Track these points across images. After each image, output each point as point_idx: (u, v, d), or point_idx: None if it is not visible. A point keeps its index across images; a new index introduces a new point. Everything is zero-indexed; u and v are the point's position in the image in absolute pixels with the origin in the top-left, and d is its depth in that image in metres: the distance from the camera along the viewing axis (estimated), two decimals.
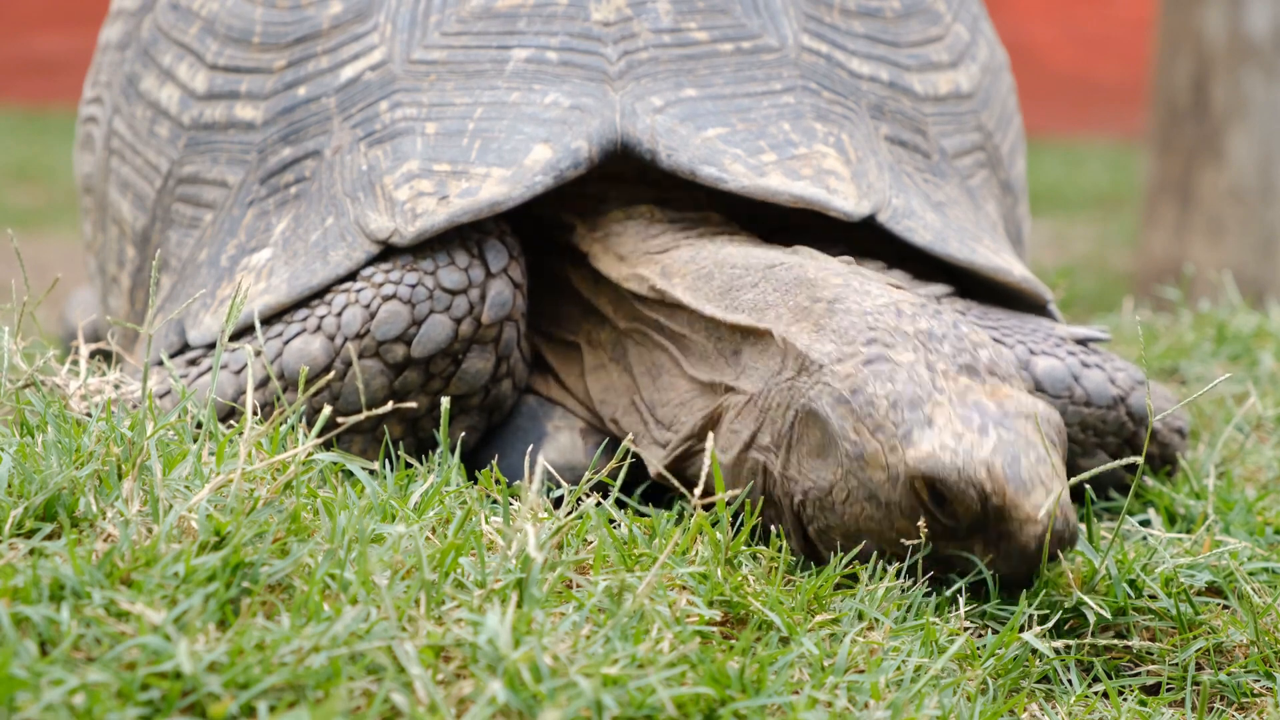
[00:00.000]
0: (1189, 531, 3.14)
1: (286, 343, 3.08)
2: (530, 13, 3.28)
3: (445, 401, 2.82)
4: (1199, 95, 8.14)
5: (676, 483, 3.01)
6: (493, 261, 3.12)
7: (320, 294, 3.14)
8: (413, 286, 3.08)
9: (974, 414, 2.74)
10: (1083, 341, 3.30)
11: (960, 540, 2.74)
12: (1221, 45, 8.05)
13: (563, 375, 3.32)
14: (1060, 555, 2.73)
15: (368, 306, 3.07)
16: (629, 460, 3.03)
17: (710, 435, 2.89)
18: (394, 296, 3.08)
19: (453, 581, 2.41)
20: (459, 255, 3.10)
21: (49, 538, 2.42)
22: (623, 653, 2.29)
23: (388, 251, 3.15)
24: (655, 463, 3.10)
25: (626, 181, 3.32)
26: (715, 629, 2.53)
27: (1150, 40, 8.74)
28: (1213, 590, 2.91)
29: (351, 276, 3.14)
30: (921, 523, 2.74)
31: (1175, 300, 4.96)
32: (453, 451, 2.98)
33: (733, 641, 2.50)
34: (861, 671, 2.50)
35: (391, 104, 3.25)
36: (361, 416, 2.77)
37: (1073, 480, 2.80)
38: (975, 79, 3.57)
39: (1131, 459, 2.79)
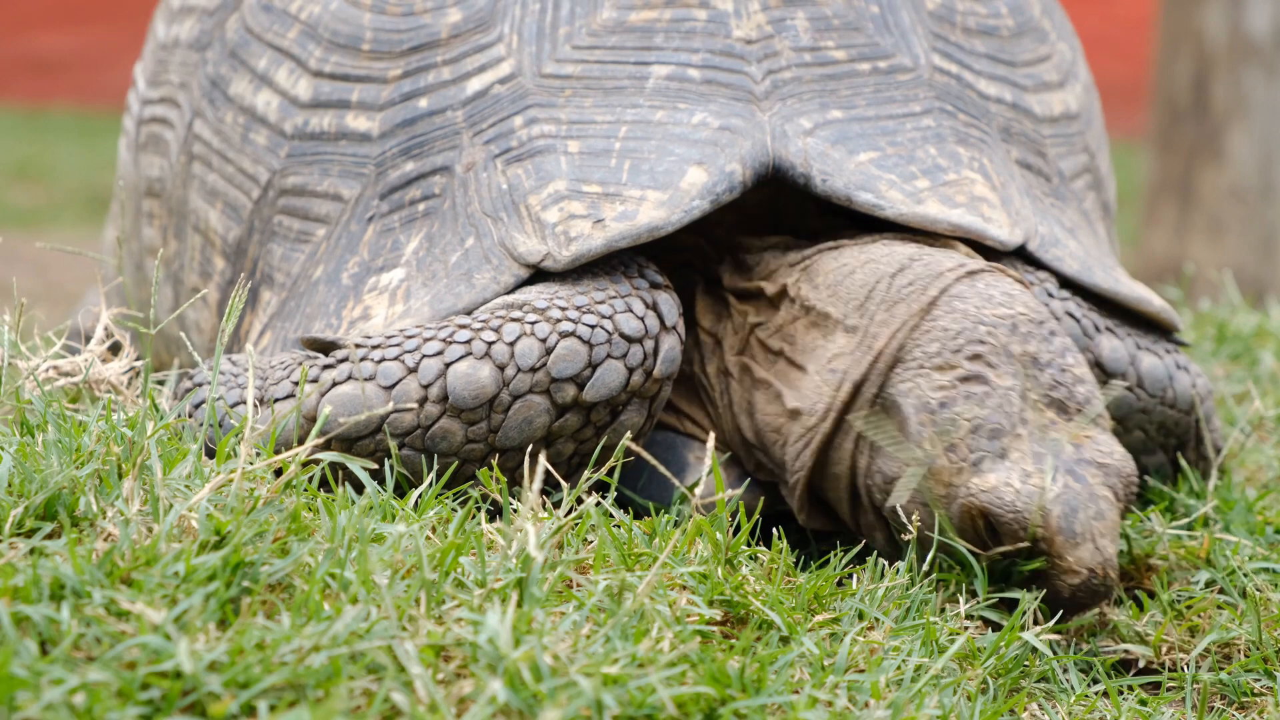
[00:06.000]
0: (1189, 531, 3.14)
1: (448, 365, 2.91)
2: (667, 28, 3.19)
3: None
4: (1199, 94, 8.14)
5: (822, 522, 3.04)
6: (666, 314, 3.01)
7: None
8: (592, 327, 2.93)
9: (1048, 455, 2.75)
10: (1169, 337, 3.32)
11: (1002, 563, 2.78)
12: (1222, 44, 8.05)
13: (687, 410, 3.24)
14: (1093, 606, 2.76)
15: (544, 340, 2.92)
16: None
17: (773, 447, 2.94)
18: (573, 334, 2.93)
19: (453, 581, 2.41)
20: (635, 303, 2.98)
21: (49, 537, 2.42)
22: (623, 652, 2.29)
23: (535, 276, 3.04)
24: (799, 516, 3.08)
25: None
26: (715, 628, 2.53)
27: (1151, 39, 8.74)
28: (1212, 589, 2.91)
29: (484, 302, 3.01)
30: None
31: (1175, 299, 4.96)
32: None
33: (733, 641, 2.50)
34: (862, 671, 2.50)
35: (527, 119, 3.15)
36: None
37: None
38: (1080, 99, 3.51)
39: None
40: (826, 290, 3.04)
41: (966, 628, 2.71)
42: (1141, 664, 2.83)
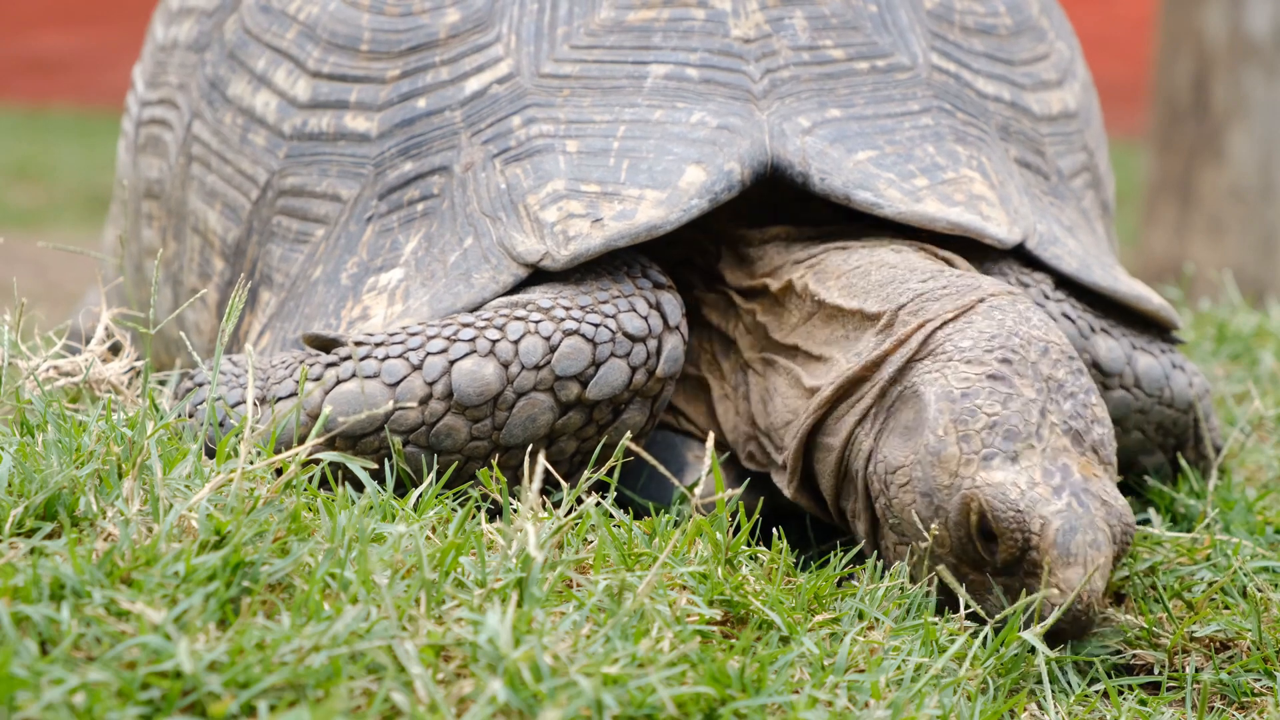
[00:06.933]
0: (1189, 531, 3.14)
1: (453, 362, 2.92)
2: (665, 27, 3.19)
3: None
4: (1199, 94, 8.14)
5: (808, 503, 3.02)
6: (669, 314, 3.02)
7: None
8: (596, 326, 2.95)
9: (1057, 474, 2.74)
10: (1165, 336, 3.32)
11: (984, 573, 2.75)
12: (1222, 44, 8.05)
13: (685, 409, 3.25)
14: (1073, 637, 2.72)
15: (548, 339, 2.93)
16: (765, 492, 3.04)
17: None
18: (576, 333, 2.94)
19: (453, 581, 2.41)
20: (638, 302, 2.99)
21: (49, 537, 2.42)
22: (623, 652, 2.29)
23: (535, 276, 3.04)
24: (786, 489, 3.08)
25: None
26: (715, 628, 2.53)
27: (1151, 39, 8.74)
28: (1213, 589, 2.91)
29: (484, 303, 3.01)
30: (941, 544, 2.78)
31: (1175, 299, 4.96)
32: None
33: (733, 641, 2.50)
34: (862, 671, 2.50)
35: (525, 119, 3.14)
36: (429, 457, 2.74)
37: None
38: (1079, 97, 3.51)
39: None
40: (839, 289, 3.05)
41: (966, 628, 2.71)
42: (1141, 664, 2.83)
